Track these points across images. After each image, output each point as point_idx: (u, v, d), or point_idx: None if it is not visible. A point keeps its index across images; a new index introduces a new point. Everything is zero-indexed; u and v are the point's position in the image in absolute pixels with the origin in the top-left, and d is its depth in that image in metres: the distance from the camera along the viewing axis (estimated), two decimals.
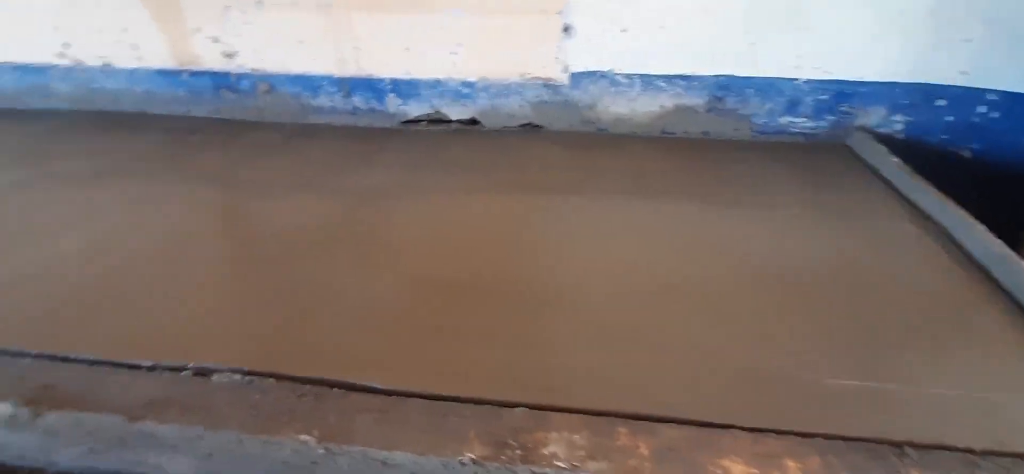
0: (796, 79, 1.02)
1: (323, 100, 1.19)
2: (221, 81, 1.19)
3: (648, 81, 1.07)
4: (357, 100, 1.18)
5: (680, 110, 1.09)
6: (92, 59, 1.20)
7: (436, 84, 1.13)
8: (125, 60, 1.19)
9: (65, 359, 0.53)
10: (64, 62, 1.21)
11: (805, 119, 1.06)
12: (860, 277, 0.69)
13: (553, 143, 1.11)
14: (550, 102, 1.13)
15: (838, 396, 0.51)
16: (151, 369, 0.52)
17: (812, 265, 0.72)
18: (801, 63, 1.01)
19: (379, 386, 0.50)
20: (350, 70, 1.14)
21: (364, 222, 0.83)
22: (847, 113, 1.04)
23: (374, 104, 1.18)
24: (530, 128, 1.17)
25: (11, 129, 1.19)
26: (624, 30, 1.01)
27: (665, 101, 1.09)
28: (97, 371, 0.52)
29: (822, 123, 1.06)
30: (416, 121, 1.19)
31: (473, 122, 1.18)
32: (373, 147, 1.11)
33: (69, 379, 0.51)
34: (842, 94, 1.02)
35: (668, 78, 1.06)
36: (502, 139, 1.13)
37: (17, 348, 0.55)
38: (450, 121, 1.18)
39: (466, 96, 1.14)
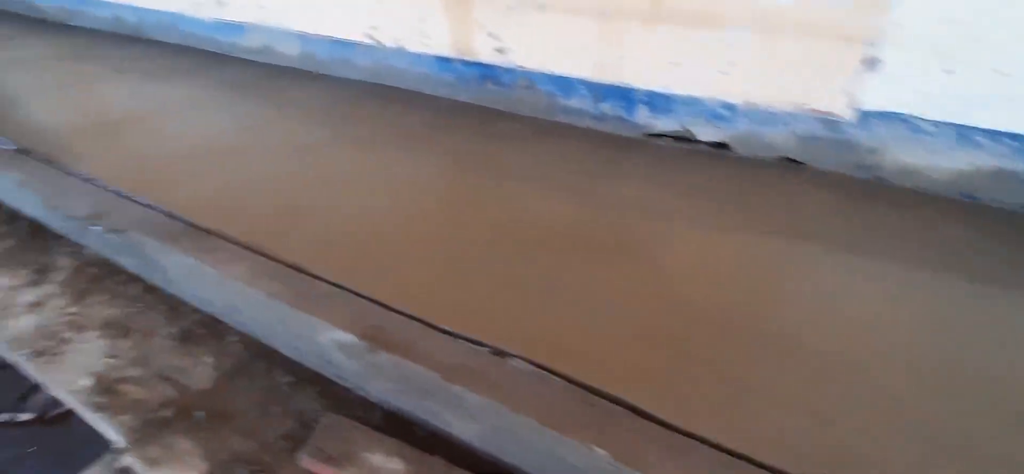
0: None
1: (573, 102, 1.23)
2: (487, 73, 1.30)
3: (964, 134, 0.89)
4: (606, 106, 1.20)
5: (998, 174, 0.90)
6: (390, 41, 1.41)
7: (693, 102, 1.09)
8: (415, 45, 1.37)
9: (392, 309, 0.63)
10: (368, 41, 1.45)
11: None
12: None
13: (817, 185, 1.00)
14: (822, 139, 1.01)
15: None
16: (455, 337, 0.60)
17: None
18: None
19: (669, 420, 0.50)
20: (606, 77, 1.16)
21: (616, 233, 0.84)
22: None
23: (622, 113, 1.19)
24: (789, 163, 1.07)
25: (321, 91, 1.47)
26: (949, 71, 0.85)
27: (980, 160, 0.90)
28: (415, 326, 0.61)
29: None
30: (660, 135, 1.17)
31: (721, 145, 1.12)
32: (618, 155, 1.12)
33: (395, 327, 0.61)
34: None
35: (993, 134, 0.87)
36: (755, 170, 1.06)
37: (353, 287, 0.67)
38: (697, 141, 1.13)
39: (722, 118, 1.08)
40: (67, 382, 0.67)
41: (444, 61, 1.35)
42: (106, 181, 0.92)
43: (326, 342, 0.63)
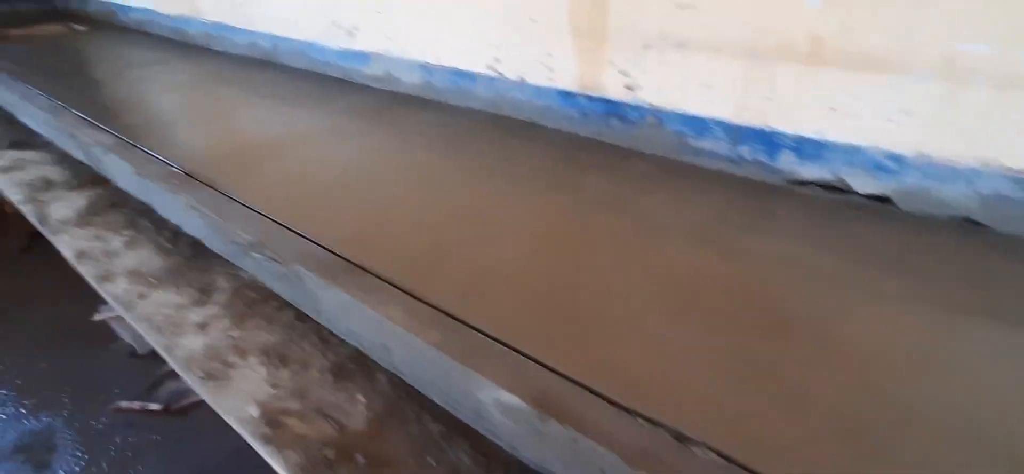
0: None
1: (705, 143, 1.17)
2: (612, 109, 1.27)
3: None
4: (744, 149, 1.12)
5: None
6: (512, 73, 1.41)
7: (851, 150, 1.00)
8: (538, 78, 1.37)
9: (558, 373, 0.61)
10: (490, 73, 1.46)
11: None
12: None
13: (1005, 253, 0.87)
14: (1013, 200, 0.89)
15: None
16: (630, 413, 0.56)
17: None
18: None
19: None
20: (749, 119, 1.09)
21: (779, 300, 0.77)
22: None
23: (762, 157, 1.11)
24: (967, 224, 0.94)
25: (441, 119, 1.50)
26: None
27: None
28: (584, 395, 0.58)
29: None
30: (806, 183, 1.08)
31: (882, 199, 1.01)
32: (760, 204, 1.04)
33: (564, 394, 0.59)
34: None
35: None
36: (925, 230, 0.94)
37: (512, 343, 0.66)
38: (852, 192, 1.03)
39: (887, 170, 0.98)
40: (236, 409, 0.70)
41: (567, 95, 1.34)
42: (260, 207, 0.97)
43: (487, 400, 0.61)
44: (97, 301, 2.44)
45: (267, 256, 0.86)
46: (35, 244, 2.96)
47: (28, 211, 1.24)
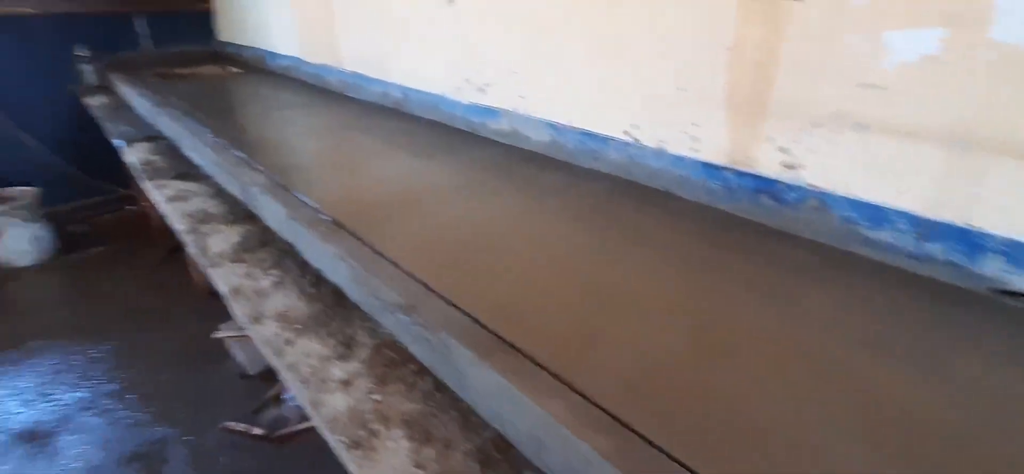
0: None
1: (883, 235, 1.03)
2: (764, 186, 1.17)
3: None
4: (934, 248, 0.97)
5: None
6: (651, 141, 1.36)
7: None
8: (679, 147, 1.30)
9: None
10: (624, 138, 1.42)
11: None
12: None
13: None
14: None
15: None
16: None
17: None
18: None
19: None
20: (944, 214, 0.94)
21: (997, 441, 0.63)
22: None
23: (958, 259, 0.95)
24: None
25: (571, 182, 1.46)
26: None
27: None
28: None
29: None
30: (1017, 295, 0.91)
31: None
32: (959, 315, 0.89)
33: None
34: None
35: None
36: None
37: (697, 469, 0.57)
38: None
39: None
40: None
41: (712, 168, 1.25)
42: (403, 263, 0.97)
43: None
44: (219, 319, 2.63)
45: (413, 320, 0.85)
46: (172, 257, 3.29)
47: (190, 241, 1.35)
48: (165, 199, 1.61)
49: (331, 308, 1.05)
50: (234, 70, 3.46)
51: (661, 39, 1.27)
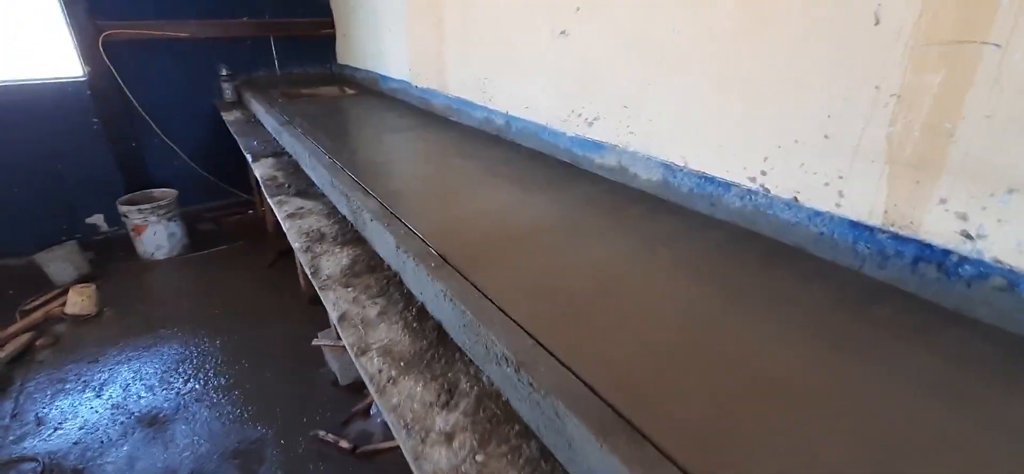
0: None
1: None
2: (931, 256, 0.99)
3: None
4: None
5: None
6: (783, 190, 1.22)
7: None
8: (819, 201, 1.15)
9: None
10: (750, 185, 1.29)
11: None
12: None
13: None
14: None
15: None
16: None
17: None
18: None
19: None
20: None
21: None
22: None
23: None
24: None
25: (685, 227, 1.35)
26: None
27: None
28: None
29: None
30: None
31: None
32: None
33: None
34: None
35: None
36: None
37: None
38: None
39: None
40: None
41: (860, 228, 1.09)
42: (511, 310, 0.92)
43: None
44: (319, 325, 2.76)
45: (522, 378, 0.79)
46: (280, 260, 3.52)
47: (305, 260, 1.40)
48: (285, 215, 1.70)
49: (434, 346, 1.02)
50: (349, 91, 3.69)
51: (803, 78, 1.14)
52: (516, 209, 1.48)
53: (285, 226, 1.64)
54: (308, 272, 1.36)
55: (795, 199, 1.20)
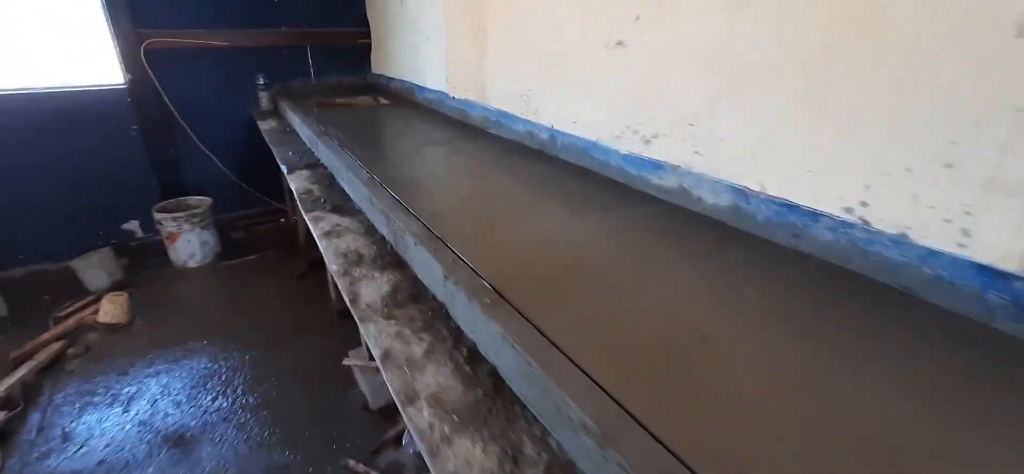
0: None
1: None
2: None
3: None
4: None
5: None
6: (888, 225, 1.06)
7: None
8: (935, 239, 0.99)
9: None
10: (845, 217, 1.13)
11: None
12: None
13: None
14: None
15: None
16: None
17: None
18: None
19: None
20: None
21: None
22: None
23: None
24: None
25: (761, 260, 1.20)
26: None
27: None
28: None
29: None
30: None
31: None
32: None
33: None
34: None
35: None
36: None
37: None
38: None
39: None
40: None
41: (991, 273, 0.93)
42: (585, 364, 0.79)
43: None
44: (349, 341, 2.67)
45: (608, 456, 0.66)
46: (310, 272, 3.46)
47: (343, 285, 1.30)
48: (321, 233, 1.60)
49: (491, 395, 0.90)
50: (384, 101, 3.62)
51: (917, 98, 0.99)
52: (569, 234, 1.35)
53: (322, 245, 1.54)
54: (346, 299, 1.25)
55: (904, 235, 1.04)
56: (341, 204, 1.85)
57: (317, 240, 1.60)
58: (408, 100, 3.54)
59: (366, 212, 1.69)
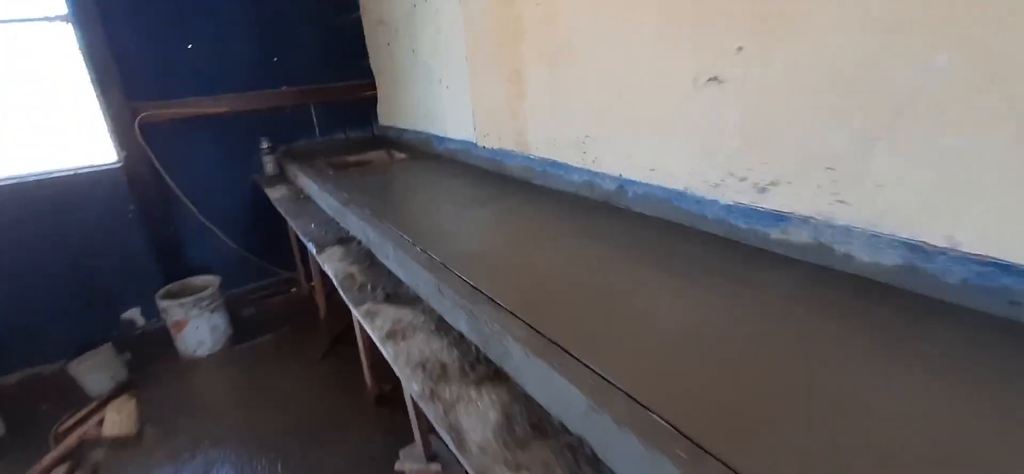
0: None
1: None
2: None
3: None
4: None
5: None
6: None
7: None
8: None
9: None
10: (953, 251, 0.87)
11: None
12: None
13: None
14: None
15: None
16: None
17: None
18: None
19: None
20: None
21: None
22: None
23: None
24: None
25: (978, 346, 0.94)
26: None
27: None
28: None
29: None
30: None
31: None
32: None
33: None
34: None
35: None
36: None
37: None
38: None
39: None
40: None
41: None
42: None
43: None
44: (391, 434, 2.34)
45: None
46: (333, 350, 3.14)
47: (433, 414, 1.01)
48: (383, 336, 1.32)
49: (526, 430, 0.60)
50: (399, 155, 3.38)
51: None
52: (700, 319, 1.08)
53: (388, 353, 1.25)
54: (446, 438, 0.96)
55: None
56: (393, 291, 1.57)
57: (378, 343, 1.32)
58: (425, 152, 3.30)
59: (431, 303, 1.41)
